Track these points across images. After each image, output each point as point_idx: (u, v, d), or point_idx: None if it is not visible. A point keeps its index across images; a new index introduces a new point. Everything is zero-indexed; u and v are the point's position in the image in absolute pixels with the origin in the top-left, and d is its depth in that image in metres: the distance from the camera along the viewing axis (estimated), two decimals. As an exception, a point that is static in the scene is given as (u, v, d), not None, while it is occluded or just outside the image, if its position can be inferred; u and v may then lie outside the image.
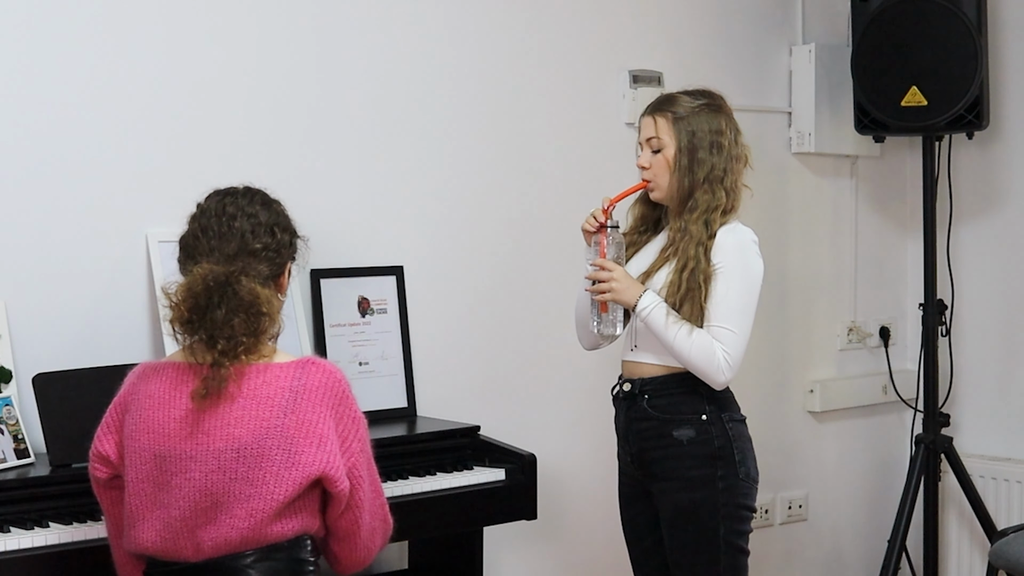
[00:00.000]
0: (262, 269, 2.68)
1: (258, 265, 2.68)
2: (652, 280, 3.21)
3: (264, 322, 2.61)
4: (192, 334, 2.62)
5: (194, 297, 2.59)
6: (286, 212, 2.79)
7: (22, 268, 3.22)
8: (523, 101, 4.06)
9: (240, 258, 2.66)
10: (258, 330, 2.61)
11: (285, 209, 2.80)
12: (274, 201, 2.78)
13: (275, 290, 2.72)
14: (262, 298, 2.61)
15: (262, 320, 2.61)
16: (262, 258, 2.69)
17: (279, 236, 2.73)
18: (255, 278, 2.64)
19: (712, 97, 3.27)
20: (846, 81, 4.56)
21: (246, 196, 2.75)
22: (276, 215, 2.75)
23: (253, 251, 2.68)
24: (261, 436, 2.62)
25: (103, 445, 2.75)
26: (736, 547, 3.21)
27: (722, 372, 3.15)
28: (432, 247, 3.88)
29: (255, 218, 2.71)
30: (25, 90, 3.23)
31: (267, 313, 2.61)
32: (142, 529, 2.67)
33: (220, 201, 2.74)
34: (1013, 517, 4.62)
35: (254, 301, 2.60)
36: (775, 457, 4.58)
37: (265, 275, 2.69)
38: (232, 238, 2.68)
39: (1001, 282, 4.81)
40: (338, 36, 3.70)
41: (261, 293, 2.61)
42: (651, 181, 3.25)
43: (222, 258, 2.65)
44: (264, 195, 2.78)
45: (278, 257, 2.73)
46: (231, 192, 2.77)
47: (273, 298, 2.64)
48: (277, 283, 2.74)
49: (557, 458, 4.04)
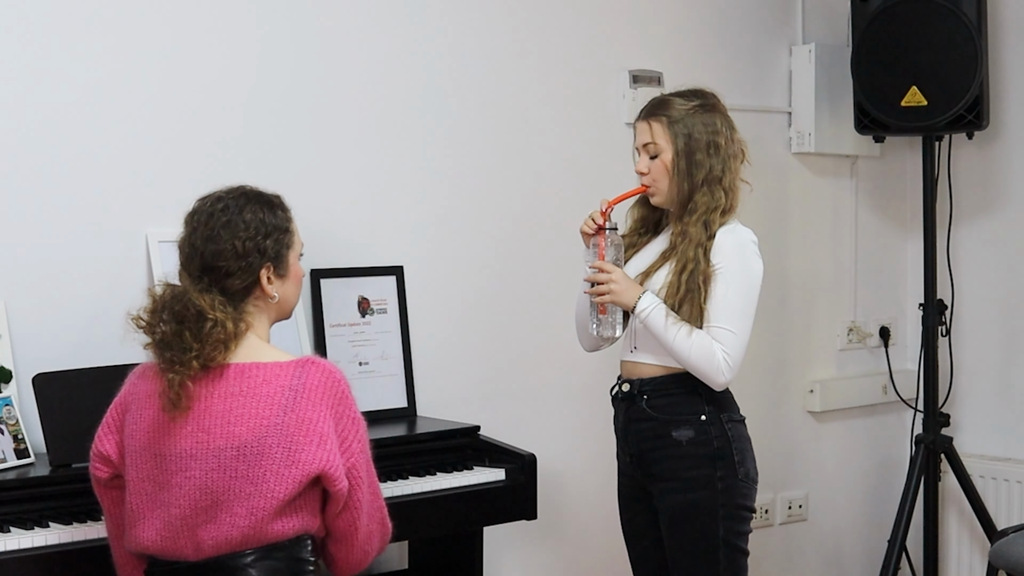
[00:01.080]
0: (233, 283, 2.73)
1: (227, 280, 2.73)
2: (651, 281, 3.21)
3: (207, 327, 2.66)
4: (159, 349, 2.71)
5: (148, 313, 2.73)
6: (263, 216, 2.77)
7: (22, 268, 3.22)
8: (523, 101, 4.06)
9: (206, 275, 2.73)
10: (203, 334, 2.65)
11: (268, 208, 2.78)
12: (249, 206, 2.77)
13: (258, 293, 2.75)
14: (205, 307, 2.67)
15: (205, 325, 2.66)
16: (227, 273, 2.73)
17: (245, 246, 2.73)
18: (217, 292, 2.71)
19: (705, 96, 3.26)
20: (846, 81, 4.56)
21: (215, 215, 2.76)
22: (245, 227, 2.74)
23: (215, 268, 2.73)
24: (261, 434, 2.63)
25: (104, 445, 2.76)
26: (735, 547, 3.20)
27: (722, 373, 3.15)
28: (432, 247, 3.88)
29: (215, 242, 2.73)
30: (25, 90, 3.23)
31: (212, 319, 2.66)
32: (143, 528, 2.68)
33: (193, 220, 2.78)
34: (1013, 517, 4.62)
35: (200, 312, 2.67)
36: (775, 457, 4.58)
37: (238, 286, 2.73)
38: (195, 257, 2.75)
39: (1001, 282, 4.81)
40: (338, 36, 3.70)
41: (204, 302, 2.68)
42: (651, 186, 3.24)
43: (189, 277, 2.74)
44: (238, 203, 2.77)
45: (246, 271, 2.75)
46: (203, 212, 2.78)
47: (218, 306, 2.69)
48: (257, 287, 2.76)
49: (557, 458, 4.04)
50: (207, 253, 2.72)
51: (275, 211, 2.80)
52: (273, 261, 2.76)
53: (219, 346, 2.67)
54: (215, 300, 2.69)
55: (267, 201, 2.80)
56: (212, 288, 2.71)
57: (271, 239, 2.76)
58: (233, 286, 2.73)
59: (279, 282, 2.79)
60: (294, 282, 2.83)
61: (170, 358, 2.66)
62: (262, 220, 2.76)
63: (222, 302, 2.70)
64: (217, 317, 2.67)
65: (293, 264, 2.82)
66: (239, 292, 2.74)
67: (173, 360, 2.66)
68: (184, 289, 2.71)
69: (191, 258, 2.75)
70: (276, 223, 2.78)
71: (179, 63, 3.44)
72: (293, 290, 2.84)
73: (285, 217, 2.81)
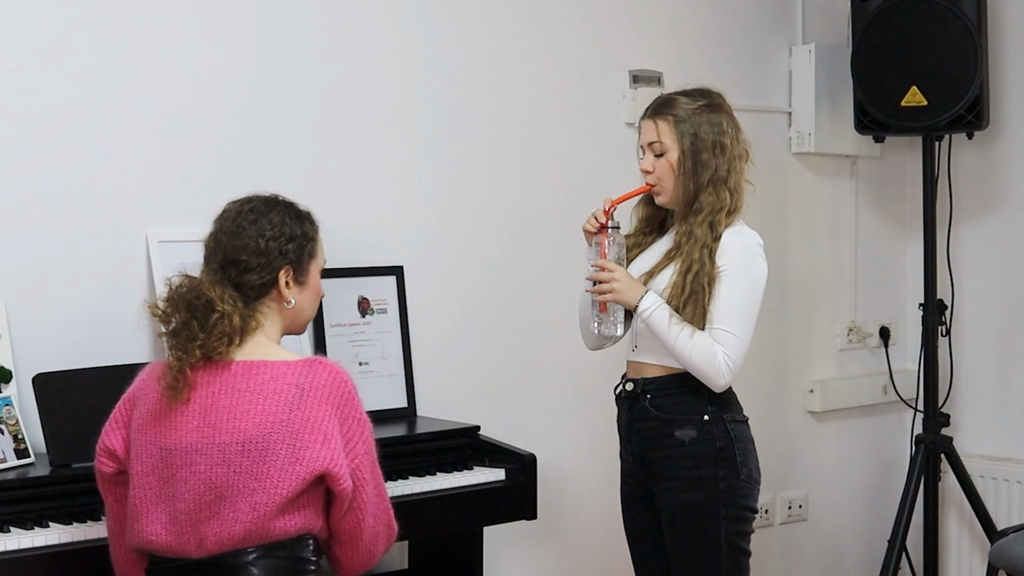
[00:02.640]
0: (251, 278, 2.76)
1: (245, 276, 2.75)
2: (655, 281, 3.21)
3: (213, 318, 2.69)
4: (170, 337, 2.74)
5: (164, 302, 2.77)
6: (290, 223, 2.81)
7: (22, 268, 3.22)
8: (523, 101, 4.06)
9: (225, 268, 2.76)
10: (209, 325, 2.69)
11: (296, 218, 2.82)
12: (278, 212, 2.81)
13: (275, 295, 2.78)
14: (215, 299, 2.71)
15: (212, 316, 2.69)
16: (246, 268, 2.76)
17: (268, 245, 2.77)
18: (231, 287, 2.75)
19: (711, 96, 3.26)
20: (846, 81, 4.56)
21: (243, 214, 2.80)
22: (271, 227, 2.78)
23: (236, 262, 2.76)
24: (267, 431, 2.64)
25: (111, 439, 2.77)
26: (737, 548, 3.20)
27: (722, 375, 3.14)
28: (432, 247, 3.88)
29: (239, 237, 2.76)
30: (25, 90, 3.23)
31: (220, 311, 2.69)
32: (146, 523, 2.68)
33: (221, 218, 2.82)
34: (1013, 517, 4.62)
35: (210, 303, 2.70)
36: (775, 457, 4.58)
37: (255, 283, 2.76)
38: (217, 251, 2.78)
39: (1001, 282, 4.81)
40: (338, 36, 3.70)
41: (215, 294, 2.71)
42: (656, 185, 3.24)
43: (208, 270, 2.77)
44: (267, 205, 2.82)
45: (265, 268, 2.77)
46: (232, 210, 2.82)
47: (227, 299, 2.71)
48: (274, 289, 2.78)
49: (557, 458, 4.04)
50: (229, 247, 2.76)
51: (303, 222, 2.84)
52: (294, 265, 2.79)
53: (223, 338, 2.69)
54: (226, 293, 2.72)
55: (297, 212, 2.85)
56: (226, 282, 2.74)
57: (294, 243, 2.80)
58: (250, 281, 2.75)
59: (297, 288, 2.81)
60: (312, 294, 2.85)
61: (175, 345, 2.70)
62: (288, 225, 2.80)
63: (232, 296, 2.72)
64: (225, 310, 2.69)
65: (313, 275, 2.85)
66: (255, 289, 2.76)
67: (178, 347, 2.70)
68: (199, 281, 2.75)
69: (214, 252, 2.79)
70: (303, 231, 2.82)
71: (179, 63, 3.44)
72: (310, 301, 2.86)
73: (312, 229, 2.86)
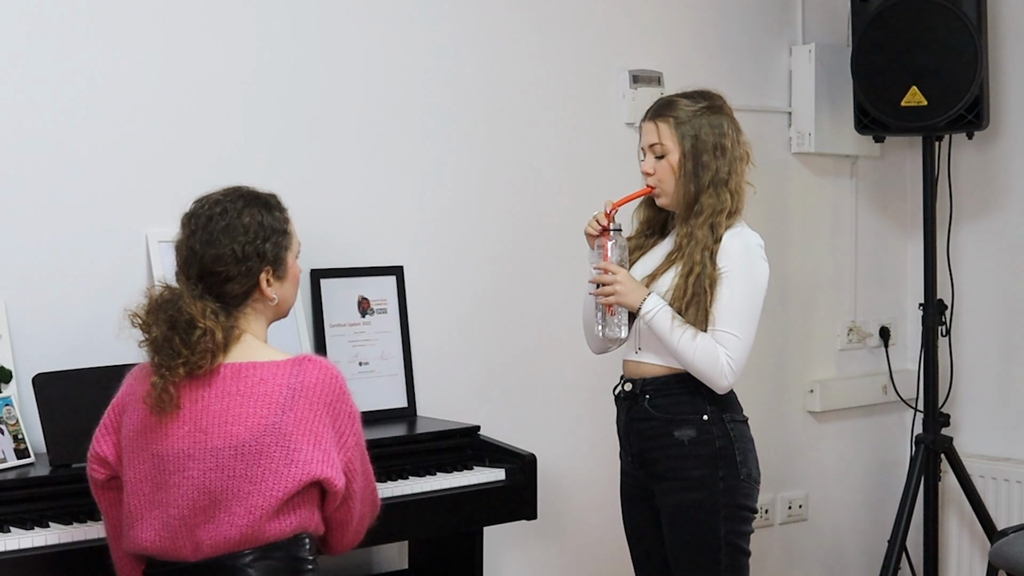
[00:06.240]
0: (232, 288, 2.73)
1: (226, 286, 2.73)
2: (657, 283, 3.21)
3: (196, 334, 2.65)
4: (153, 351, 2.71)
5: (145, 312, 2.73)
6: (261, 219, 2.76)
7: (22, 268, 3.22)
8: (523, 101, 4.05)
9: (203, 280, 2.73)
10: (191, 342, 2.65)
11: (266, 210, 2.78)
12: (247, 209, 2.76)
13: (257, 295, 2.75)
14: (196, 315, 2.67)
15: (194, 333, 2.66)
16: (226, 279, 2.73)
17: (245, 250, 2.73)
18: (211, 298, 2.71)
19: (712, 98, 3.26)
20: (846, 81, 4.56)
21: (214, 219, 2.75)
22: (244, 230, 2.74)
23: (214, 272, 2.73)
24: (259, 434, 2.63)
25: (101, 446, 2.77)
26: (737, 548, 3.20)
27: (725, 377, 3.15)
28: (432, 247, 3.88)
29: (215, 247, 2.72)
30: (25, 90, 3.23)
31: (202, 327, 2.66)
32: (141, 529, 2.68)
33: (191, 223, 2.77)
34: (1013, 517, 4.62)
35: (191, 319, 2.66)
36: (775, 457, 4.58)
37: (237, 291, 2.74)
38: (193, 261, 2.74)
39: (1001, 282, 4.81)
40: (338, 36, 3.70)
41: (196, 310, 2.67)
42: (656, 187, 3.24)
43: (187, 281, 2.74)
44: (236, 206, 2.77)
45: (245, 275, 2.74)
46: (202, 215, 2.77)
47: (209, 315, 2.68)
48: (256, 291, 2.76)
49: (557, 458, 4.04)
50: (206, 258, 2.72)
51: (272, 212, 2.80)
52: (272, 264, 2.77)
53: (207, 355, 2.66)
54: (207, 308, 2.68)
55: (264, 202, 2.80)
56: (207, 295, 2.71)
57: (270, 242, 2.76)
58: (232, 291, 2.73)
59: (278, 284, 2.79)
60: (292, 282, 2.84)
61: (158, 362, 2.68)
62: (260, 223, 2.76)
63: (214, 310, 2.69)
64: (207, 326, 2.66)
65: (291, 265, 2.83)
66: (238, 296, 2.74)
67: (160, 364, 2.67)
68: (180, 294, 2.70)
69: (189, 262, 2.74)
70: (275, 225, 2.78)
71: (179, 63, 3.44)
72: (291, 290, 2.85)
73: (283, 218, 2.82)
